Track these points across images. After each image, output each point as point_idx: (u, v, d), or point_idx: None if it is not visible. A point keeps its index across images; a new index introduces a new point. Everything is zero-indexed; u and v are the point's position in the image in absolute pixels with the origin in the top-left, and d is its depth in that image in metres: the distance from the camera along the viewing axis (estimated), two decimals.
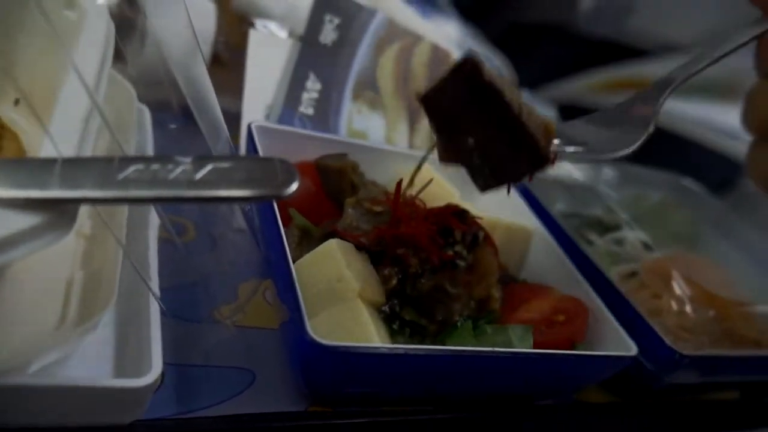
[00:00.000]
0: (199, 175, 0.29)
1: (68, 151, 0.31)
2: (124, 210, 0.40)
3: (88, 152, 0.33)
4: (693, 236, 0.70)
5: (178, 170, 0.29)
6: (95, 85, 0.36)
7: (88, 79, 0.35)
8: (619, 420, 0.55)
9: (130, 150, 0.45)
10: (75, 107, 0.33)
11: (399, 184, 0.47)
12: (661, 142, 1.28)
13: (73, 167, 0.29)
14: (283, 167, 0.30)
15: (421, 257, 0.45)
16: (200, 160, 0.30)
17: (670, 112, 1.38)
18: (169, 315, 0.37)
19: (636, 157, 0.76)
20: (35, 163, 0.30)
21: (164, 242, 0.41)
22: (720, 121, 1.37)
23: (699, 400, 0.60)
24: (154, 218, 0.43)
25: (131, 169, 0.29)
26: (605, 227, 0.63)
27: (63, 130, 0.32)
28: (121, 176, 0.28)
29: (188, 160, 0.30)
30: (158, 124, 0.52)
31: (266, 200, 0.41)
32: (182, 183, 0.29)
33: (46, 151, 0.31)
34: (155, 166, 0.29)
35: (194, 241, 0.49)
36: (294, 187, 0.30)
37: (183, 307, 0.43)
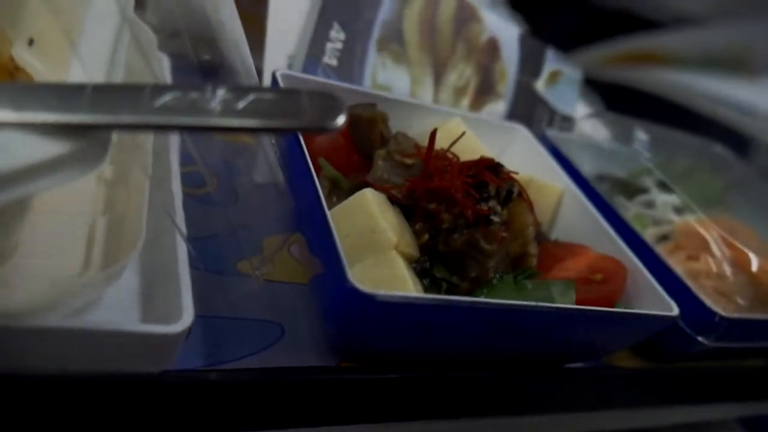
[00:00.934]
0: (240, 105, 0.27)
1: (98, 78, 0.29)
2: (148, 154, 0.38)
3: (118, 80, 0.30)
4: (724, 201, 0.68)
5: (217, 99, 0.27)
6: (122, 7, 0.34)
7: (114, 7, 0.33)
8: (649, 384, 0.53)
9: None
10: (102, 31, 0.31)
11: (433, 134, 0.45)
12: (674, 115, 1.27)
13: (105, 93, 0.27)
14: (329, 100, 0.29)
15: (454, 212, 0.43)
16: (240, 90, 0.28)
17: (681, 86, 1.36)
18: (196, 262, 0.35)
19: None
20: (65, 87, 0.28)
21: (186, 196, 0.40)
22: (733, 95, 1.35)
23: (729, 367, 0.58)
24: (176, 170, 0.41)
25: (168, 96, 0.27)
26: (634, 189, 0.61)
27: (91, 55, 0.30)
28: (157, 103, 0.26)
29: (226, 90, 0.28)
30: (177, 74, 0.50)
31: (311, 132, 0.39)
32: (223, 112, 0.27)
33: (74, 76, 0.29)
34: (193, 95, 0.27)
35: (217, 192, 0.47)
36: (341, 119, 0.28)
37: (207, 259, 0.42)
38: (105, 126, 0.26)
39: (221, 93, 0.27)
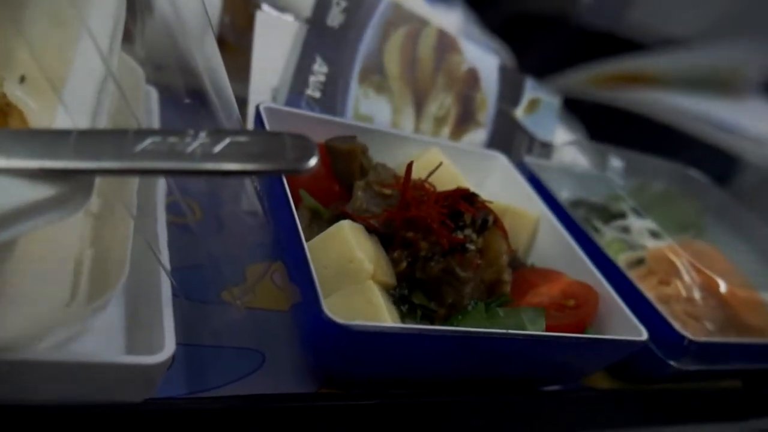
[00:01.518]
0: (217, 148, 0.29)
1: (82, 122, 0.31)
2: (133, 189, 0.39)
3: (102, 125, 0.32)
4: (698, 225, 0.70)
5: (196, 143, 0.29)
6: (107, 56, 0.36)
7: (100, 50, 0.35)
8: (624, 406, 0.54)
9: None
10: (88, 80, 0.33)
11: (409, 166, 0.46)
12: (659, 136, 1.29)
13: (89, 138, 0.29)
14: (302, 142, 0.30)
15: (431, 240, 0.45)
16: (217, 134, 0.29)
17: (669, 107, 1.39)
18: (179, 292, 0.37)
19: (638, 150, 0.77)
20: (50, 133, 0.29)
21: (170, 225, 0.41)
22: (718, 115, 1.37)
23: (702, 389, 0.60)
24: (161, 200, 0.43)
25: (148, 141, 0.28)
26: (611, 215, 0.63)
27: (76, 103, 0.31)
28: (138, 148, 0.28)
29: (205, 133, 0.29)
30: (165, 105, 0.51)
31: (286, 174, 0.41)
32: (200, 156, 0.28)
33: (59, 122, 0.31)
34: (172, 139, 0.29)
35: (201, 222, 0.48)
36: (314, 161, 0.29)
37: (191, 288, 0.43)
38: (88, 171, 0.27)
39: (200, 136, 0.29)
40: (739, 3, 1.36)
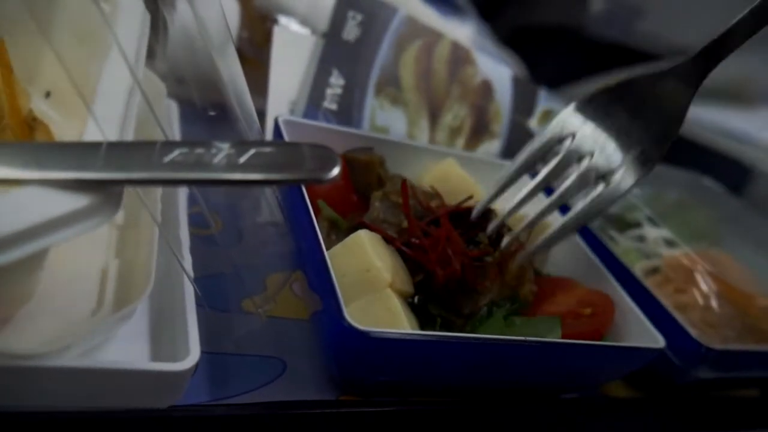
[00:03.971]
0: (243, 159, 0.30)
1: (112, 134, 0.32)
2: (157, 201, 0.40)
3: (129, 136, 0.33)
4: (713, 234, 0.70)
5: (221, 154, 0.30)
6: (134, 70, 0.37)
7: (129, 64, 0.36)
8: (642, 415, 0.55)
9: None
10: (116, 93, 0.34)
11: (404, 185, 0.46)
12: (674, 145, 1.29)
13: (118, 150, 0.30)
14: (324, 152, 0.31)
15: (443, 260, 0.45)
16: (242, 145, 0.30)
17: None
18: (202, 301, 0.38)
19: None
20: (81, 146, 0.30)
21: (192, 236, 0.42)
22: (730, 125, 1.37)
23: (720, 397, 0.60)
24: (183, 211, 0.44)
25: (176, 152, 0.29)
26: (626, 224, 0.63)
27: (106, 116, 0.32)
28: (166, 159, 0.29)
29: (229, 145, 0.30)
30: (185, 119, 0.52)
31: (308, 183, 0.41)
32: (227, 167, 0.29)
33: (89, 135, 0.31)
34: (199, 150, 0.29)
35: (221, 232, 0.49)
36: (336, 171, 0.30)
37: (213, 297, 0.44)
38: (118, 181, 0.28)
39: (225, 148, 0.30)
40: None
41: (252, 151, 0.30)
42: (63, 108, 0.44)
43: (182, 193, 0.45)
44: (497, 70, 0.70)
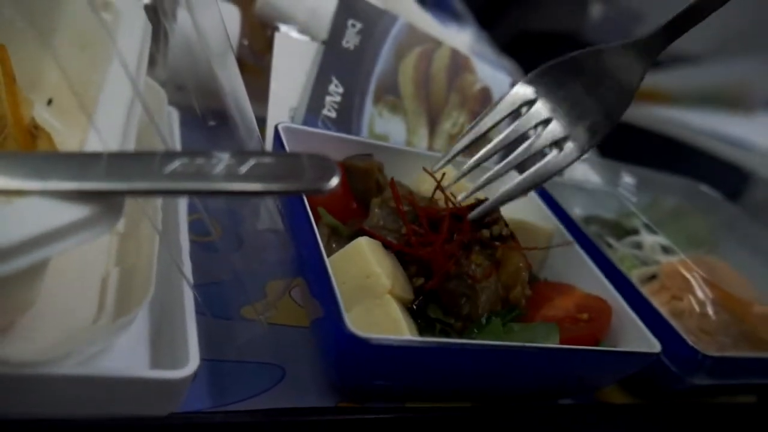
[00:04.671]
0: (243, 169, 0.30)
1: (113, 145, 0.32)
2: (157, 207, 0.41)
3: (131, 147, 0.33)
4: (710, 241, 0.71)
5: (222, 165, 0.30)
6: (135, 80, 0.37)
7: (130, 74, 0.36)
8: (638, 420, 0.55)
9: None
10: (117, 104, 0.34)
11: (392, 183, 0.48)
12: (671, 151, 1.29)
13: (119, 161, 0.30)
14: (323, 163, 0.31)
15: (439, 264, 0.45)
16: (242, 156, 0.30)
17: (680, 123, 1.39)
18: (203, 307, 0.38)
19: (650, 166, 0.77)
20: (82, 156, 0.30)
21: (192, 244, 0.42)
22: (729, 131, 1.38)
23: (717, 404, 0.60)
24: (183, 219, 0.44)
25: (176, 163, 0.29)
26: (623, 231, 0.64)
27: (107, 126, 0.32)
28: (167, 170, 0.29)
29: (230, 155, 0.30)
30: (186, 125, 0.53)
31: (308, 194, 0.42)
32: (226, 177, 0.29)
33: (90, 145, 0.32)
34: (199, 161, 0.30)
35: (221, 239, 0.49)
36: (335, 181, 0.30)
37: (213, 304, 0.44)
38: (119, 192, 0.28)
39: (225, 158, 0.30)
40: (748, 20, 1.37)
41: (252, 162, 0.30)
42: (65, 116, 0.44)
43: (182, 200, 0.45)
44: (496, 77, 0.70)
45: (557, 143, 0.44)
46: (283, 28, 0.60)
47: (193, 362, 0.33)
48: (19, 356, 0.30)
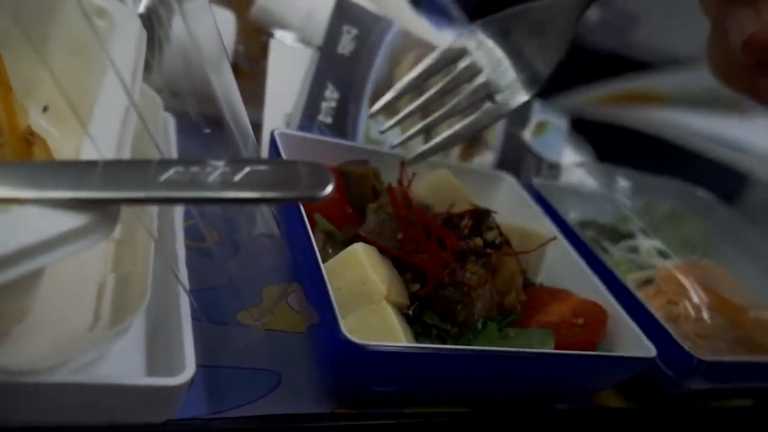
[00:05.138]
0: (237, 177, 0.30)
1: (108, 153, 0.32)
2: (154, 214, 0.41)
3: (126, 155, 0.33)
4: (706, 244, 0.71)
5: (216, 173, 0.30)
6: (130, 88, 0.37)
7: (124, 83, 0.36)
8: (635, 425, 0.55)
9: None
10: (113, 113, 0.34)
11: (390, 189, 0.48)
12: (667, 154, 1.29)
13: (115, 169, 0.30)
14: (318, 170, 0.31)
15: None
16: (237, 164, 0.30)
17: (675, 125, 1.40)
18: (199, 313, 0.38)
19: (646, 168, 0.77)
20: (78, 165, 0.30)
21: (188, 249, 0.42)
22: (725, 133, 1.38)
23: (713, 408, 0.60)
24: (179, 225, 0.44)
25: (171, 171, 0.30)
26: (619, 235, 0.64)
27: (102, 135, 0.33)
28: (162, 178, 0.29)
29: (224, 163, 0.30)
30: (182, 131, 0.53)
31: (302, 201, 0.42)
32: (221, 185, 0.29)
33: (86, 153, 0.32)
34: (194, 169, 0.30)
35: (217, 245, 0.49)
36: (330, 188, 0.30)
37: (209, 310, 0.44)
38: (115, 200, 0.29)
39: (220, 166, 0.30)
40: None
41: (247, 170, 0.30)
42: (61, 123, 0.44)
43: (178, 206, 0.45)
44: None
45: (494, 94, 0.45)
46: (279, 34, 0.60)
47: (189, 369, 0.33)
48: (15, 364, 0.30)
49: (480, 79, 0.45)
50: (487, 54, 0.45)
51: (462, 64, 0.45)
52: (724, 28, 0.34)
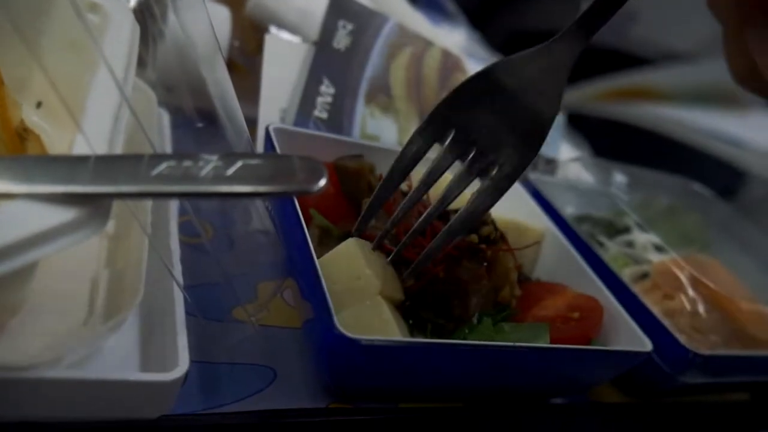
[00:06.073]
0: (230, 171, 0.30)
1: (100, 148, 0.32)
2: (147, 210, 0.41)
3: (118, 150, 0.33)
4: (702, 239, 0.71)
5: (209, 167, 0.30)
6: (123, 83, 0.37)
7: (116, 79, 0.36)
8: (631, 419, 0.55)
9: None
10: (105, 108, 0.34)
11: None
12: (664, 149, 1.29)
13: (106, 164, 0.30)
14: (311, 164, 0.31)
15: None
16: (229, 157, 0.30)
17: (673, 120, 1.40)
18: (193, 308, 0.38)
19: (644, 164, 0.77)
20: (70, 159, 0.30)
21: (182, 245, 0.42)
22: (723, 129, 1.38)
23: (709, 402, 0.60)
24: (174, 220, 0.44)
25: (163, 165, 0.29)
26: (616, 230, 0.64)
27: (94, 131, 0.32)
28: (154, 172, 0.29)
29: (217, 157, 0.30)
30: (176, 126, 0.53)
31: (295, 195, 0.42)
32: (214, 179, 0.29)
33: (78, 149, 0.32)
34: (187, 163, 0.30)
35: (212, 240, 0.49)
36: (323, 182, 0.30)
37: (204, 306, 0.44)
38: (107, 195, 0.28)
39: (213, 160, 0.30)
40: None
41: (239, 164, 0.30)
42: (54, 118, 0.44)
43: (173, 202, 0.45)
44: None
45: (487, 169, 0.40)
46: (274, 29, 0.60)
47: (183, 364, 0.33)
48: (9, 359, 0.30)
49: (471, 155, 0.40)
50: (464, 132, 0.40)
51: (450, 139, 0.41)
52: (747, 45, 0.34)
